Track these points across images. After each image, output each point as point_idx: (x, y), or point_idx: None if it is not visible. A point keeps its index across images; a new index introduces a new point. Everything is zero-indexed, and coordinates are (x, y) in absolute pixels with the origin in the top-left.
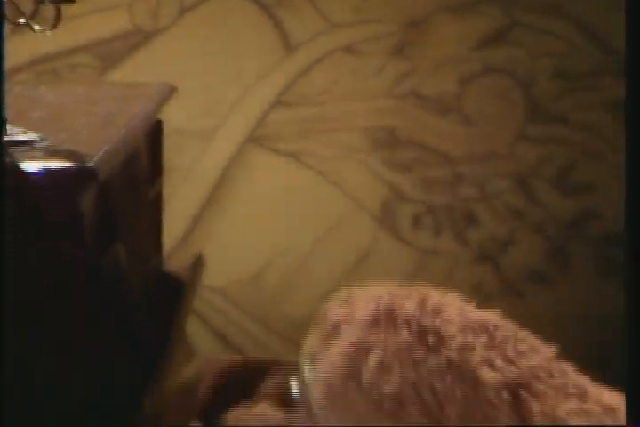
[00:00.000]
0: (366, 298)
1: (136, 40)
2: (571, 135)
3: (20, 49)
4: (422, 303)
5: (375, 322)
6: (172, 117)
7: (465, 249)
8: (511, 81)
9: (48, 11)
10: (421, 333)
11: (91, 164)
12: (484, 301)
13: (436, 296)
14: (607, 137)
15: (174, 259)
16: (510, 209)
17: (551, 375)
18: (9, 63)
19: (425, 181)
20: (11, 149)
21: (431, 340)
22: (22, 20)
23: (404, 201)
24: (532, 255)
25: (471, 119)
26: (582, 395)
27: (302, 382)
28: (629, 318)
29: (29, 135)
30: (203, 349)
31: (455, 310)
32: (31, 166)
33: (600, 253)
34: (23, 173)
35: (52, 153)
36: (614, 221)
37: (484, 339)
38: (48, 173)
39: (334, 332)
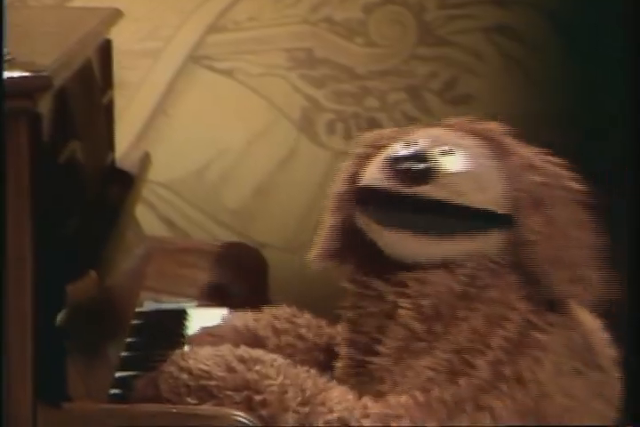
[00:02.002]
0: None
1: None
2: (454, 55)
3: None
4: None
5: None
6: (122, 40)
7: None
8: (406, 10)
9: None
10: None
11: (46, 72)
12: None
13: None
14: (484, 56)
15: (127, 160)
16: (406, 117)
17: None
18: None
19: (337, 93)
20: None
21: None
22: None
23: (319, 111)
24: None
25: (374, 42)
26: None
27: None
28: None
29: None
30: (151, 231)
31: None
32: None
33: None
34: None
35: (14, 65)
36: None
37: None
38: (10, 80)
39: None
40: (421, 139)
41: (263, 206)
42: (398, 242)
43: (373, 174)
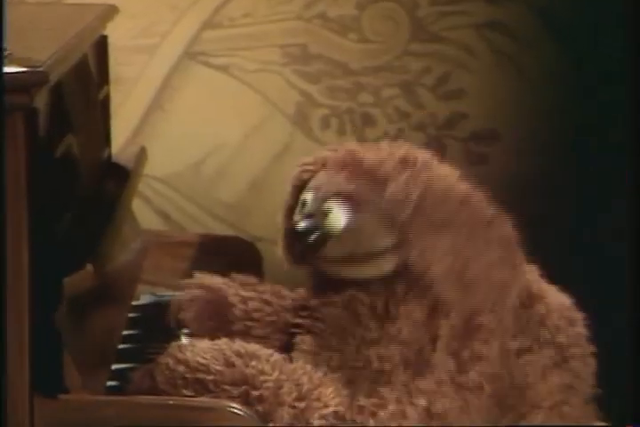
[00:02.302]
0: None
1: None
2: (446, 51)
3: None
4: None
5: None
6: (118, 36)
7: None
8: (399, 6)
9: None
10: None
11: (42, 68)
12: None
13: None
14: (476, 52)
15: (124, 154)
16: (399, 112)
17: None
18: None
19: (331, 89)
20: None
21: None
22: None
23: (314, 106)
24: None
25: (367, 38)
26: None
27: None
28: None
29: None
30: (147, 225)
31: None
32: None
33: (468, 148)
34: None
35: (11, 60)
36: (480, 121)
37: None
38: (7, 76)
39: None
40: (310, 195)
41: (258, 200)
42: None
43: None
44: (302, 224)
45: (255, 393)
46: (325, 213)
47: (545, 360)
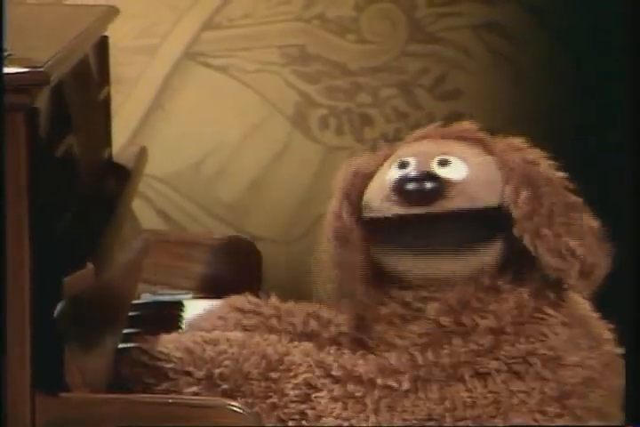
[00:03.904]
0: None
1: None
2: (444, 51)
3: None
4: None
5: None
6: (119, 37)
7: (361, 145)
8: (396, 7)
9: None
10: None
11: (43, 68)
12: None
13: None
14: (473, 53)
15: (124, 154)
16: (397, 112)
17: None
18: None
19: (329, 89)
20: None
21: None
22: None
23: (312, 106)
24: None
25: (365, 38)
26: None
27: None
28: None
29: None
30: (147, 225)
31: None
32: None
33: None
34: None
35: (12, 61)
36: (477, 121)
37: None
38: (8, 76)
39: None
40: (411, 157)
41: (258, 200)
42: (405, 263)
43: (379, 203)
44: (414, 172)
45: (217, 371)
46: (444, 163)
47: (604, 358)
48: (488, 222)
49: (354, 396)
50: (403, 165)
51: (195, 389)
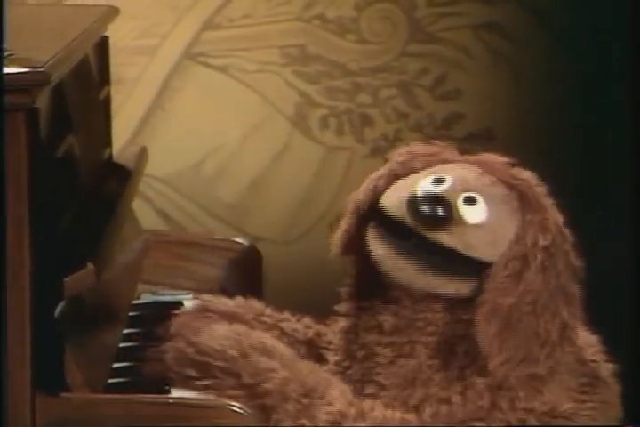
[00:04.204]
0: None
1: None
2: (443, 52)
3: None
4: None
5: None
6: (119, 37)
7: (361, 146)
8: (396, 7)
9: None
10: None
11: (43, 68)
12: None
13: None
14: (473, 53)
15: (124, 154)
16: (397, 112)
17: None
18: None
19: (329, 89)
20: None
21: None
22: None
23: (313, 106)
24: None
25: (365, 39)
26: None
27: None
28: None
29: None
30: (147, 225)
31: None
32: None
33: (464, 148)
34: None
35: (12, 61)
36: (477, 121)
37: None
38: (8, 76)
39: None
40: (451, 179)
41: (258, 200)
42: (399, 269)
43: (395, 203)
44: (439, 190)
45: (263, 386)
46: (469, 201)
47: (600, 396)
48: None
49: None
50: (437, 182)
51: (236, 393)
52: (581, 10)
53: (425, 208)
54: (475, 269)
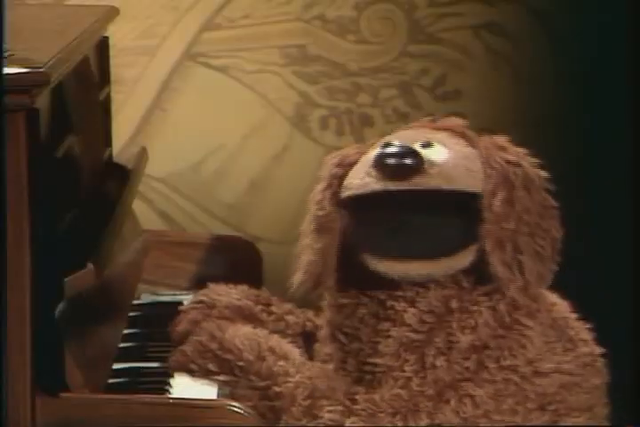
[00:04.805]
0: None
1: None
2: (443, 52)
3: None
4: None
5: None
6: (119, 37)
7: None
8: (396, 8)
9: None
10: None
11: (43, 68)
12: None
13: None
14: (472, 53)
15: (125, 154)
16: (397, 112)
17: None
18: None
19: (329, 90)
20: None
21: None
22: None
23: (313, 106)
24: None
25: (365, 39)
26: None
27: None
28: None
29: None
30: (147, 225)
31: None
32: None
33: None
34: None
35: (12, 61)
36: (477, 122)
37: None
38: (8, 76)
39: None
40: (396, 139)
41: (258, 201)
42: (386, 265)
43: (359, 180)
44: (397, 148)
45: (276, 389)
46: (427, 145)
47: (582, 359)
48: (464, 221)
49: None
50: (386, 146)
51: (249, 393)
52: (581, 10)
53: (393, 162)
54: (465, 212)
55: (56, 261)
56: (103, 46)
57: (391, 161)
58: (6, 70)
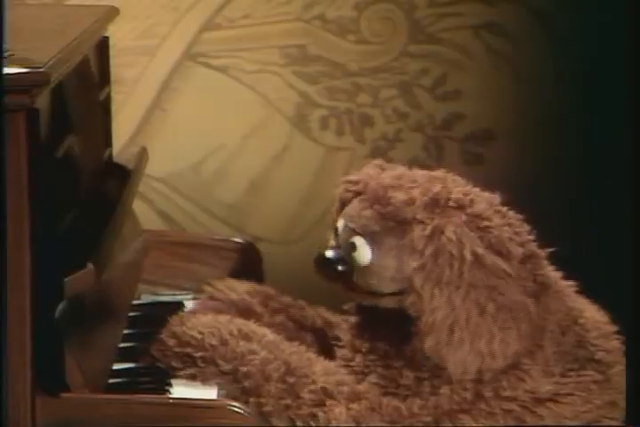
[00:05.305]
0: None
1: None
2: (444, 52)
3: None
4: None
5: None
6: (119, 37)
7: (362, 146)
8: (397, 7)
9: None
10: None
11: (43, 68)
12: None
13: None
14: (472, 53)
15: (125, 155)
16: (397, 112)
17: None
18: None
19: (330, 89)
20: None
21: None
22: None
23: (313, 106)
24: (415, 150)
25: (365, 39)
26: None
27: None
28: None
29: None
30: (147, 225)
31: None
32: None
33: (465, 148)
34: None
35: (12, 61)
36: (477, 122)
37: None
38: (8, 76)
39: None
40: (341, 224)
41: (258, 201)
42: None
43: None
44: (330, 254)
45: (243, 369)
46: (353, 247)
47: (587, 379)
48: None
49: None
50: (336, 233)
51: (218, 380)
52: (581, 10)
53: (329, 268)
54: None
55: (56, 261)
56: (103, 46)
57: (328, 266)
58: (6, 70)
